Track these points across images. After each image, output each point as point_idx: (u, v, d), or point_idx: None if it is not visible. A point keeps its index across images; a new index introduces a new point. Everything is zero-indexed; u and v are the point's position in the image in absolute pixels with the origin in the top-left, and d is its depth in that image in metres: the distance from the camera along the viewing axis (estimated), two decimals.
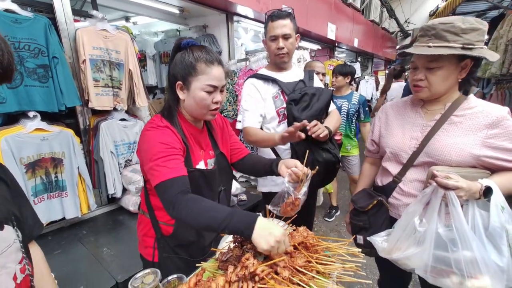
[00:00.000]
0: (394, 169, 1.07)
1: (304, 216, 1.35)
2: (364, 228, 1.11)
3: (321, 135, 1.28)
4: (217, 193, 1.11)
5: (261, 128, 1.54)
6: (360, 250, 0.90)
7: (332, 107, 1.58)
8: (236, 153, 1.24)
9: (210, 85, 0.92)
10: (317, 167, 1.03)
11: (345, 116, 2.88)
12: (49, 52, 2.00)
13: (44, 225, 2.16)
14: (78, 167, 2.28)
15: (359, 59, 7.78)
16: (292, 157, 1.46)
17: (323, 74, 2.66)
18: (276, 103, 1.48)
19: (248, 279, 0.68)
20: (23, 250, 0.61)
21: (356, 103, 2.83)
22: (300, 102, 1.41)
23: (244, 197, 3.27)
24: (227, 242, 1.04)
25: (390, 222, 1.07)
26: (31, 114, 1.98)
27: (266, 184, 1.59)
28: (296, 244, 0.89)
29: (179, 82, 0.95)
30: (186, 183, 0.87)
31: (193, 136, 1.04)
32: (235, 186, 2.92)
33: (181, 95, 0.97)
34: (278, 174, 1.06)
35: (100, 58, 2.37)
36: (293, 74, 1.56)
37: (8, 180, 0.63)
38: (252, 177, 4.11)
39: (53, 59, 2.01)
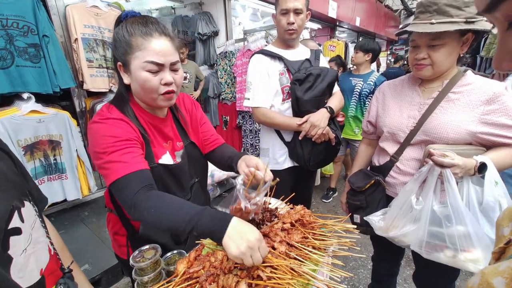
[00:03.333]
0: (391, 148, 1.07)
1: (302, 196, 1.38)
2: (361, 207, 1.13)
3: (314, 136, 1.34)
4: (188, 188, 1.00)
5: None
6: (355, 227, 0.92)
7: (336, 88, 1.57)
8: (207, 144, 1.09)
9: (150, 62, 0.75)
10: (277, 179, 0.88)
11: (357, 96, 2.59)
12: (39, 30, 1.92)
13: (47, 206, 2.18)
14: (76, 150, 2.28)
15: (360, 40, 7.56)
16: (293, 136, 1.46)
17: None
18: (281, 80, 1.45)
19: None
20: (43, 224, 0.61)
21: (372, 84, 2.53)
22: (304, 83, 1.38)
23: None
24: None
25: (386, 200, 1.09)
26: (25, 95, 1.95)
27: (267, 163, 1.61)
28: (293, 221, 0.91)
29: (119, 63, 0.81)
30: (147, 178, 0.74)
31: (153, 127, 0.90)
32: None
33: (125, 78, 0.82)
34: (237, 172, 0.93)
35: (92, 37, 2.29)
36: (300, 52, 1.52)
37: (13, 155, 0.61)
38: None
39: (44, 38, 1.93)
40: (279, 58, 1.45)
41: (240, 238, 0.63)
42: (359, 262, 2.02)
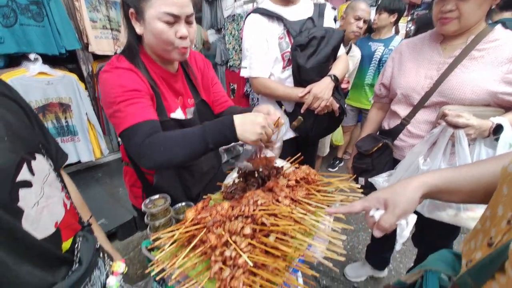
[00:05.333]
0: (404, 111, 1.04)
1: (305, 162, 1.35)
2: (367, 170, 1.13)
3: (317, 109, 1.25)
4: None
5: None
6: (360, 186, 0.93)
7: (342, 51, 1.45)
8: (218, 105, 1.08)
9: (167, 13, 0.72)
10: (301, 117, 0.92)
11: (376, 63, 2.40)
12: None
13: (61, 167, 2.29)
14: (86, 114, 2.32)
15: (379, 2, 6.98)
16: (295, 107, 1.41)
17: (365, 21, 2.07)
18: (281, 45, 1.31)
19: (250, 204, 0.72)
20: (59, 178, 0.61)
21: (394, 49, 2.33)
22: (307, 48, 1.25)
23: (249, 147, 3.34)
24: (232, 177, 1.09)
25: (393, 163, 1.08)
26: (32, 56, 1.94)
27: None
28: (298, 178, 0.92)
29: (131, 10, 0.77)
30: (154, 127, 0.75)
31: (165, 81, 0.89)
32: None
33: (137, 28, 0.79)
34: None
35: None
36: (301, 9, 1.36)
37: (26, 108, 0.60)
38: None
39: None
40: (278, 18, 1.30)
41: (251, 125, 0.71)
42: (360, 226, 2.09)
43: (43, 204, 0.52)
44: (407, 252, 1.91)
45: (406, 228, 0.56)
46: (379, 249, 1.57)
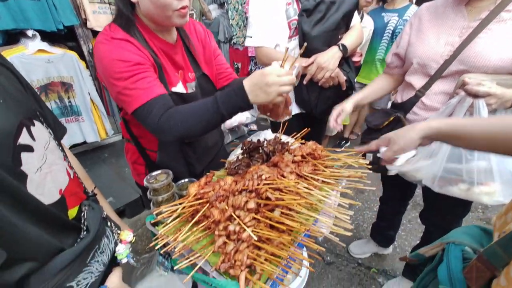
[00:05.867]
0: (419, 82, 0.97)
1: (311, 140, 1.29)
2: None
3: (321, 80, 1.15)
4: None
5: None
6: (368, 161, 0.89)
7: (355, 20, 1.34)
8: (222, 78, 1.03)
9: None
10: (305, 43, 0.82)
11: (389, 35, 2.23)
12: None
13: (68, 148, 2.31)
14: (89, 93, 2.29)
15: None
16: (300, 80, 1.32)
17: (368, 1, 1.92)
18: (288, 12, 1.21)
19: (254, 179, 0.70)
20: (60, 148, 0.62)
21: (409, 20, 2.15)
22: (314, 13, 1.15)
23: (254, 127, 3.30)
24: (236, 154, 1.06)
25: None
26: (29, 33, 1.88)
27: None
28: (304, 154, 0.89)
29: None
30: (168, 102, 0.74)
31: (164, 53, 0.84)
32: (245, 115, 2.91)
33: None
34: None
35: None
36: None
37: (19, 76, 0.59)
38: None
39: None
40: None
41: (262, 88, 0.67)
42: (365, 204, 2.08)
43: (46, 170, 0.52)
44: (413, 230, 1.91)
45: (398, 160, 0.74)
46: (385, 227, 1.57)
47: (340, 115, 1.06)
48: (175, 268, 0.62)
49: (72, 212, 0.59)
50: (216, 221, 0.67)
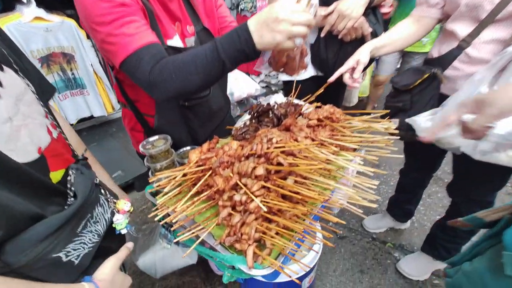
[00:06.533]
0: (464, 29, 0.80)
1: (330, 96, 1.12)
2: (403, 109, 0.95)
3: (341, 32, 0.96)
4: None
5: None
6: (395, 126, 0.77)
7: None
8: (224, 30, 0.92)
9: None
10: None
11: None
12: None
13: (75, 122, 2.29)
14: (92, 65, 2.21)
15: None
16: (318, 36, 1.14)
17: None
18: None
19: (264, 142, 0.60)
20: (42, 104, 0.55)
21: None
22: None
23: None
24: (243, 120, 0.96)
25: (438, 100, 0.89)
26: None
27: None
28: (321, 117, 0.77)
29: None
30: (160, 52, 0.64)
31: (158, 2, 0.74)
32: (254, 87, 2.76)
33: None
34: None
35: None
36: None
37: None
38: (273, 82, 3.88)
39: None
40: None
41: (268, 25, 0.54)
42: (381, 179, 1.97)
43: (19, 122, 0.46)
44: (433, 205, 1.80)
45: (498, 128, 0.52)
46: (404, 201, 1.46)
47: (357, 68, 0.87)
48: (174, 241, 0.56)
49: (56, 175, 0.52)
50: (220, 190, 0.59)
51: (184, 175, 0.67)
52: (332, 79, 0.85)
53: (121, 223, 0.61)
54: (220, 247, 0.56)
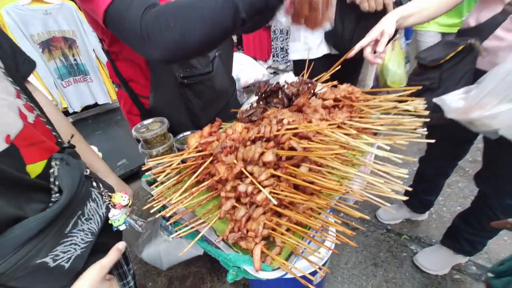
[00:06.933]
0: None
1: (346, 75, 0.99)
2: (430, 89, 0.84)
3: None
4: (209, 61, 0.79)
5: None
6: (425, 105, 0.67)
7: None
8: None
9: None
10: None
11: None
12: None
13: (80, 110, 2.25)
14: (94, 50, 2.14)
15: None
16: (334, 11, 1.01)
17: None
18: None
19: (273, 124, 0.51)
20: (12, 80, 0.47)
21: None
22: None
23: None
24: (249, 103, 0.87)
25: (474, 76, 0.77)
26: None
27: (298, 50, 1.27)
28: (339, 97, 0.68)
29: None
30: None
31: None
32: (262, 72, 2.63)
33: None
34: None
35: None
36: None
37: None
38: (281, 67, 3.72)
39: None
40: None
41: None
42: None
43: None
44: (453, 195, 1.69)
45: None
46: (423, 191, 1.36)
47: (381, 40, 0.73)
48: (171, 237, 0.49)
49: (34, 168, 0.44)
50: (222, 179, 0.51)
51: (183, 162, 0.59)
52: (351, 53, 0.74)
53: (118, 219, 0.54)
54: (223, 244, 0.49)
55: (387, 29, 0.73)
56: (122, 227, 0.55)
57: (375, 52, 0.75)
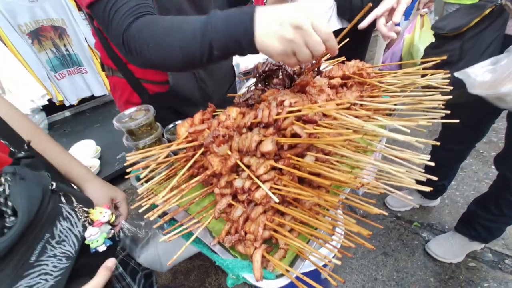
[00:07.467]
0: None
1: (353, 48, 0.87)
2: (450, 62, 0.74)
3: None
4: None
5: None
6: (448, 79, 0.59)
7: None
8: None
9: None
10: None
11: None
12: None
13: (77, 103, 2.19)
14: (86, 39, 2.04)
15: None
16: None
17: None
18: None
19: (272, 106, 0.44)
20: None
21: None
22: None
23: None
24: (246, 87, 0.79)
25: (502, 44, 0.67)
26: None
27: None
28: (347, 73, 0.59)
29: None
30: (146, 1, 0.50)
31: None
32: (262, 56, 2.51)
33: None
34: None
35: None
36: None
37: None
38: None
39: None
40: None
41: (281, 22, 0.38)
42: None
43: None
44: (466, 178, 1.61)
45: None
46: (438, 176, 1.28)
47: (398, 8, 0.62)
48: (160, 240, 0.43)
49: None
50: (216, 173, 0.44)
51: (175, 154, 0.53)
52: (364, 23, 0.64)
53: (96, 239, 0.45)
54: (219, 248, 0.43)
55: None
56: (101, 248, 0.46)
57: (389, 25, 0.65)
